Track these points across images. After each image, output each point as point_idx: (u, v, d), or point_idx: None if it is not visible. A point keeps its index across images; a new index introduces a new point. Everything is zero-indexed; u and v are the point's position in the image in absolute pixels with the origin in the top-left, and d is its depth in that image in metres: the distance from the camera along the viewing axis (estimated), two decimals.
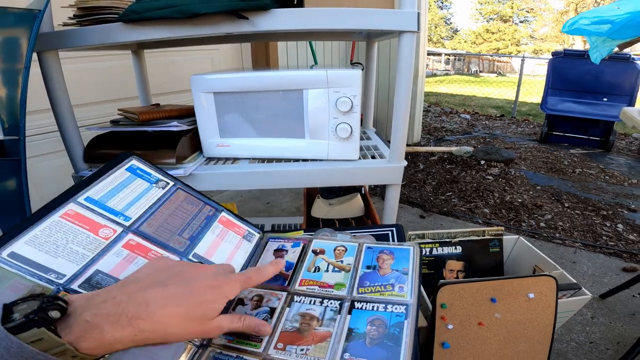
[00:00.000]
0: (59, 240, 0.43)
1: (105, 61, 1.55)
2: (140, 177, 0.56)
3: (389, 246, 0.54)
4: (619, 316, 1.22)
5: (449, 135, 4.02)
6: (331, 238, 0.58)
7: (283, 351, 0.41)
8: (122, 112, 0.87)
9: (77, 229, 0.45)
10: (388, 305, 0.45)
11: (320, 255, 0.55)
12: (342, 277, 0.51)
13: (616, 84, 3.27)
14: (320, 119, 0.83)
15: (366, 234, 0.62)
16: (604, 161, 3.08)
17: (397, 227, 0.62)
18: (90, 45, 0.79)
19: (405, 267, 0.50)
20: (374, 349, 0.40)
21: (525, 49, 24.43)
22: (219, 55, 2.12)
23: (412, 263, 0.51)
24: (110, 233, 0.47)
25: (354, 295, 0.48)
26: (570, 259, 1.58)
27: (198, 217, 0.56)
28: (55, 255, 0.41)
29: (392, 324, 0.42)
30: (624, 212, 2.05)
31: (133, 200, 0.52)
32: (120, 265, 0.44)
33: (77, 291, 0.40)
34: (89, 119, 1.46)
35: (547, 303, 0.74)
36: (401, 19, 0.76)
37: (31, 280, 0.38)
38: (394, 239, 0.61)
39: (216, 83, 0.83)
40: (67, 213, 0.46)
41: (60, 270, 0.41)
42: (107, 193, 0.51)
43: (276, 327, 0.44)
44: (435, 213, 2.06)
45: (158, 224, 0.51)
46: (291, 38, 1.37)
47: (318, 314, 0.45)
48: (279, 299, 0.48)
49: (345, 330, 0.43)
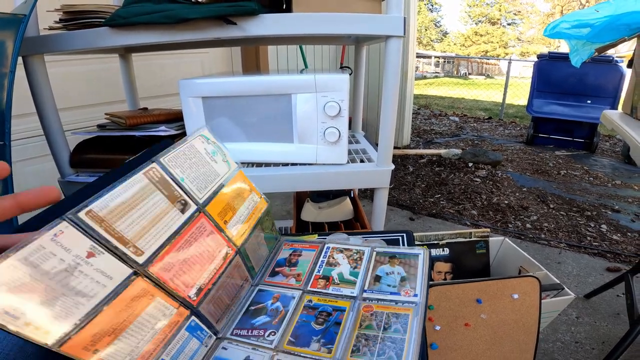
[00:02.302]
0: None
1: (92, 64, 1.54)
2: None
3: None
4: (603, 316, 1.25)
5: (438, 137, 4.06)
6: (344, 242, 0.59)
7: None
8: (109, 116, 0.87)
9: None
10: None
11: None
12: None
13: (600, 86, 3.34)
14: (308, 123, 0.84)
15: (377, 238, 0.62)
16: (588, 163, 3.15)
17: (407, 234, 0.62)
18: (76, 49, 0.78)
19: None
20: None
21: (513, 52, 24.82)
22: (209, 59, 2.12)
23: (422, 266, 0.52)
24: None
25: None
26: (556, 259, 1.62)
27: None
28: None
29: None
30: (607, 213, 2.10)
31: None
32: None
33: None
34: (76, 123, 1.45)
35: (531, 303, 0.76)
36: (387, 24, 0.77)
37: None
38: (404, 245, 0.61)
39: (204, 87, 0.83)
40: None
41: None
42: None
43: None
44: (425, 215, 2.08)
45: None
46: (281, 42, 1.38)
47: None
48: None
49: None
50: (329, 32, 0.76)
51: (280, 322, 0.45)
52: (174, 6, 0.72)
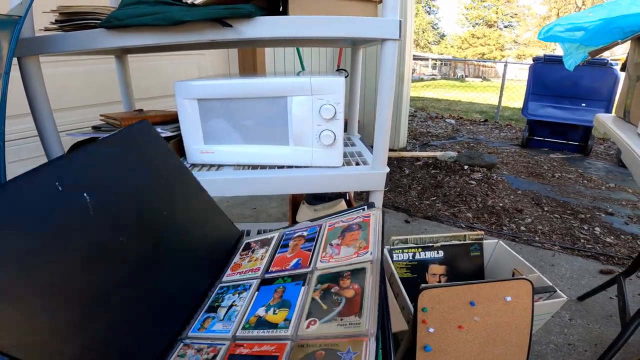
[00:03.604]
0: None
1: (87, 65, 1.53)
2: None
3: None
4: (596, 318, 1.25)
5: (434, 140, 4.08)
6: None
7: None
8: (104, 117, 0.86)
9: None
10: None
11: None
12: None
13: (594, 89, 3.36)
14: (304, 126, 0.84)
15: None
16: (582, 165, 3.17)
17: (367, 205, 0.66)
18: (71, 50, 0.78)
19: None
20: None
21: (509, 54, 25.00)
22: (206, 60, 2.12)
23: (375, 225, 0.55)
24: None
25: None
26: (549, 261, 1.63)
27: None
28: None
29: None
30: (601, 216, 2.12)
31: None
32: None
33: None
34: (70, 124, 1.44)
35: (523, 306, 0.76)
36: (383, 27, 0.78)
37: None
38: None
39: (200, 89, 0.83)
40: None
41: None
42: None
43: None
44: (420, 218, 2.09)
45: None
46: (278, 44, 1.38)
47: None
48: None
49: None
50: (324, 35, 0.76)
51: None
52: (170, 8, 0.72)
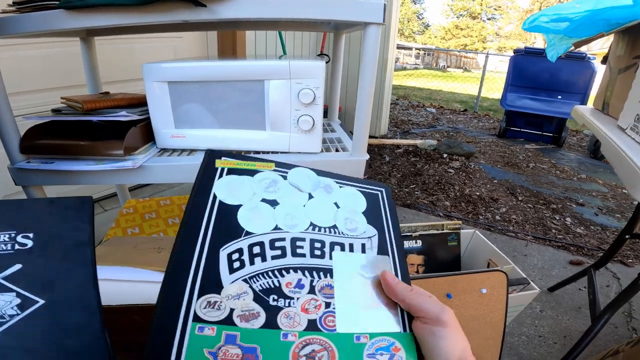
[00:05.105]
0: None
1: (51, 48, 1.46)
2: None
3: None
4: (565, 310, 1.29)
5: (415, 128, 4.09)
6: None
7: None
8: (66, 100, 0.80)
9: None
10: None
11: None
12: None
13: (571, 82, 3.44)
14: (281, 110, 0.80)
15: (354, 189, 0.50)
16: (555, 156, 3.26)
17: (386, 189, 0.51)
18: (28, 32, 0.72)
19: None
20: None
21: (491, 46, 25.31)
22: (183, 44, 2.02)
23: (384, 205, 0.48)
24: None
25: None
26: (522, 251, 1.67)
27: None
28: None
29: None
30: (572, 206, 2.18)
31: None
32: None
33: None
34: (30, 108, 1.37)
35: (498, 298, 0.77)
36: (367, 10, 0.74)
37: None
38: (384, 204, 0.49)
39: (171, 72, 0.78)
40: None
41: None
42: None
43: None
44: (399, 206, 2.10)
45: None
46: (257, 27, 1.32)
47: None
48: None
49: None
50: (304, 17, 0.72)
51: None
52: None
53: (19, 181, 0.79)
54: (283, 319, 0.33)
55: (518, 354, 1.08)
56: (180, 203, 1.28)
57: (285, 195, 0.44)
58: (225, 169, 0.44)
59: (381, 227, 0.45)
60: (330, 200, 0.46)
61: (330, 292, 0.37)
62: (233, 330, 0.31)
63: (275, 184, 0.45)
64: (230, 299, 0.33)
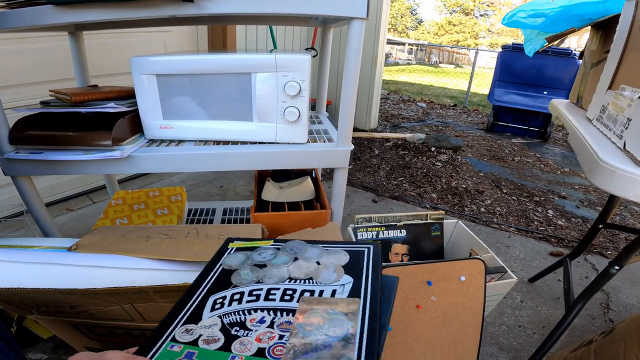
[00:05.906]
0: None
1: (40, 42, 1.46)
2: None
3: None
4: (545, 300, 1.33)
5: (405, 122, 4.13)
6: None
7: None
8: (54, 92, 0.81)
9: None
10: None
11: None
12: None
13: (557, 78, 3.50)
14: (268, 102, 0.82)
15: (340, 249, 0.56)
16: (540, 150, 3.32)
17: (373, 246, 0.56)
18: (17, 27, 0.73)
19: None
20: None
21: (483, 42, 25.44)
22: (173, 39, 2.01)
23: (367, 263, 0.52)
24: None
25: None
26: (505, 243, 1.71)
27: None
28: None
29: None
30: (554, 199, 2.24)
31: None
32: None
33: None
34: (19, 101, 1.38)
35: (476, 286, 0.80)
36: (350, 5, 0.76)
37: None
38: (369, 258, 0.54)
39: (159, 65, 0.79)
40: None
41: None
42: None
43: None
44: (387, 197, 2.13)
45: None
46: (246, 22, 1.33)
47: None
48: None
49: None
50: (289, 12, 0.73)
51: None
52: None
53: (8, 171, 0.79)
54: (237, 345, 0.39)
55: (498, 343, 1.12)
56: (169, 194, 1.28)
57: (273, 259, 0.54)
58: (234, 248, 0.58)
59: (359, 275, 0.50)
60: (312, 260, 0.53)
61: (287, 327, 0.41)
62: (194, 349, 0.39)
63: (267, 251, 0.56)
64: (202, 328, 0.41)
